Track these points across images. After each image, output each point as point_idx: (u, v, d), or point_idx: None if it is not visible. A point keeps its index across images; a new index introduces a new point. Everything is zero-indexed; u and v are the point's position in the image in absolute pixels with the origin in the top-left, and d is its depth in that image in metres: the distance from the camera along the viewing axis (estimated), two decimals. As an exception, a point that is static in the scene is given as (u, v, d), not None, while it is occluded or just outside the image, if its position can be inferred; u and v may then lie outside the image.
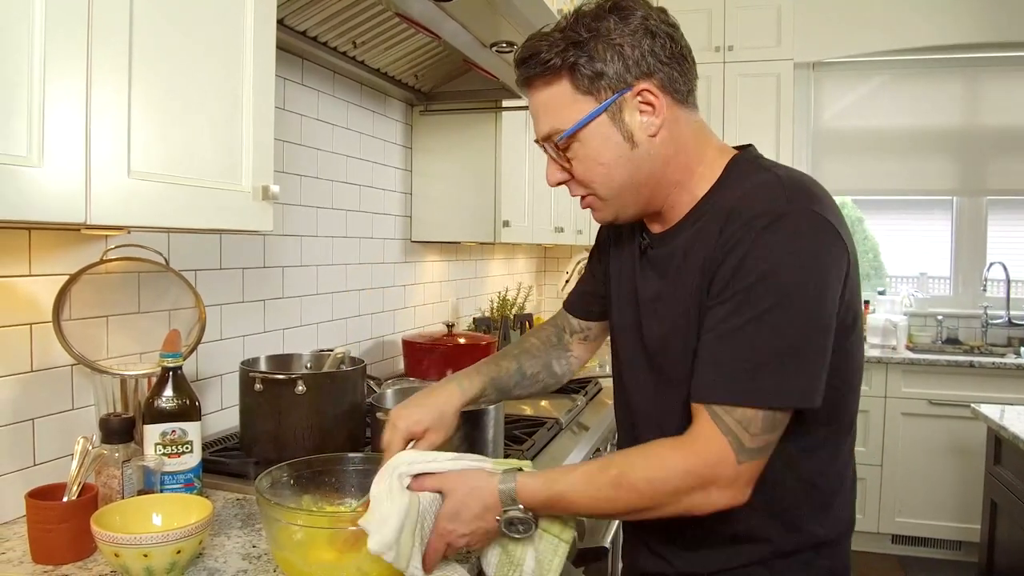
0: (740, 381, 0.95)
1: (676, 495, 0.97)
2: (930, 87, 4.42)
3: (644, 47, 1.01)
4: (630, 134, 1.04)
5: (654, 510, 0.98)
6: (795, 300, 0.94)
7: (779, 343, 0.94)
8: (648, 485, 0.97)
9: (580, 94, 1.03)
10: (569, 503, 1.02)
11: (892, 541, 3.92)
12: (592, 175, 1.08)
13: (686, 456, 0.96)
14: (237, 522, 1.32)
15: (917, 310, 4.41)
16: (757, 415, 0.94)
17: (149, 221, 1.07)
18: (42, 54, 0.88)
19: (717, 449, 0.95)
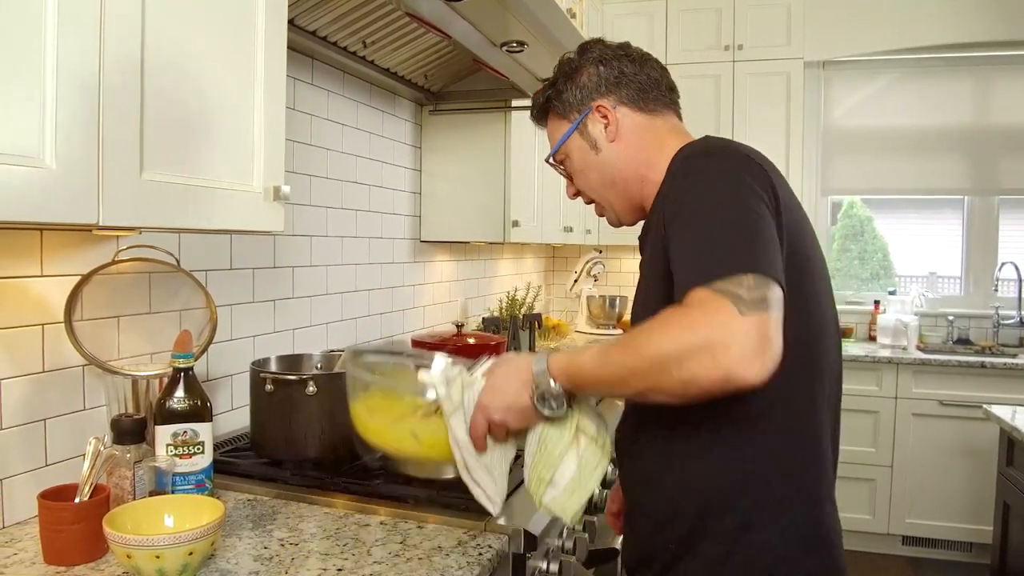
0: (718, 258, 0.96)
1: (676, 357, 0.91)
2: (941, 86, 4.39)
3: (588, 75, 1.28)
4: (594, 142, 1.29)
5: (657, 376, 0.94)
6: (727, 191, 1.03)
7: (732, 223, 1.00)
8: (651, 345, 0.95)
9: (560, 121, 1.32)
10: (587, 370, 1.04)
11: (902, 542, 3.89)
12: (581, 181, 1.34)
13: (687, 312, 0.93)
14: (248, 523, 1.32)
15: (928, 310, 4.38)
16: (745, 277, 0.93)
17: (161, 222, 1.07)
18: (55, 55, 0.88)
19: (712, 305, 0.91)
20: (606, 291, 4.49)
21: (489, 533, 1.29)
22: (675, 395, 0.94)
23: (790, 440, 1.10)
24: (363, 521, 1.34)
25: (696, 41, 4.17)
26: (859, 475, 3.87)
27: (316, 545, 1.23)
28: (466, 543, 1.25)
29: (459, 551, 1.22)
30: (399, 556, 1.19)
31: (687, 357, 0.91)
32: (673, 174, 1.13)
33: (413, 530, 1.30)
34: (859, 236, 4.67)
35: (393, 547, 1.23)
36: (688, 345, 0.91)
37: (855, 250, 4.67)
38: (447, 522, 1.33)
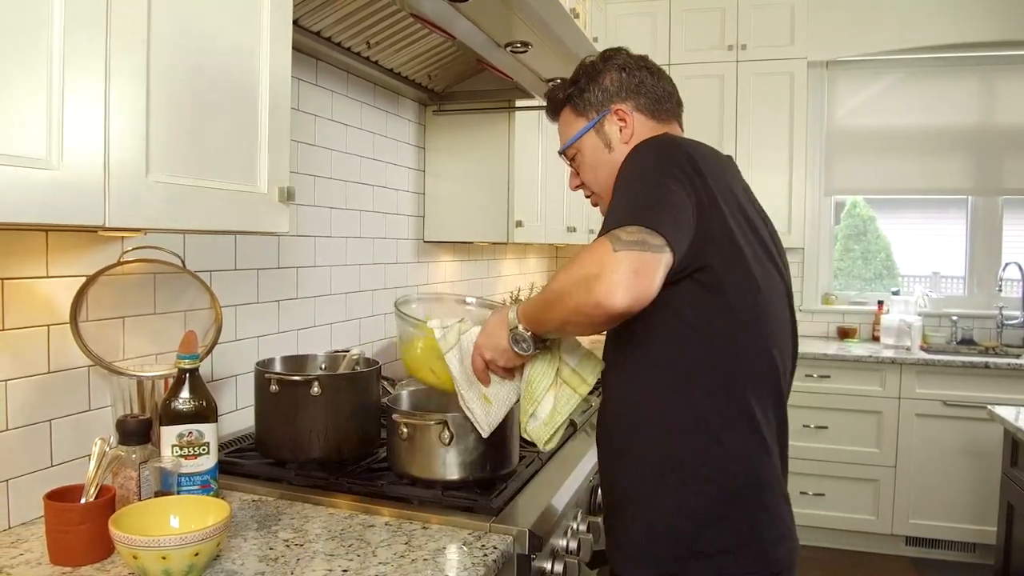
0: (616, 215, 1.13)
1: (570, 287, 1.11)
2: (945, 85, 4.39)
3: (611, 79, 1.41)
4: (609, 142, 1.41)
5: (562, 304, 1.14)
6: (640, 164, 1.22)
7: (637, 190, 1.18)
8: (556, 281, 1.17)
9: (577, 118, 1.44)
10: (530, 309, 1.25)
11: (906, 543, 3.89)
12: (589, 176, 1.46)
13: (581, 252, 1.13)
14: (253, 523, 1.32)
15: (931, 310, 4.37)
16: (630, 226, 1.10)
17: (167, 223, 1.07)
18: (61, 57, 0.88)
19: (597, 245, 1.10)
20: (609, 291, 4.48)
21: (494, 534, 1.30)
22: (575, 323, 1.15)
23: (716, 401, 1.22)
24: (368, 522, 1.34)
25: (699, 41, 4.17)
26: (862, 475, 3.87)
27: (321, 546, 1.23)
28: (471, 544, 1.25)
29: (464, 552, 1.22)
30: (404, 557, 1.19)
31: (573, 287, 1.11)
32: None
33: (418, 531, 1.30)
34: (862, 236, 4.66)
35: (398, 548, 1.23)
36: (573, 277, 1.12)
37: (858, 250, 4.67)
38: (451, 523, 1.33)
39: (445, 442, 1.40)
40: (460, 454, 1.42)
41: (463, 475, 1.43)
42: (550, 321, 1.21)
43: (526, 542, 1.30)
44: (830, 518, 3.92)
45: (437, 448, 1.41)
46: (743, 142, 4.13)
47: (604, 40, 4.03)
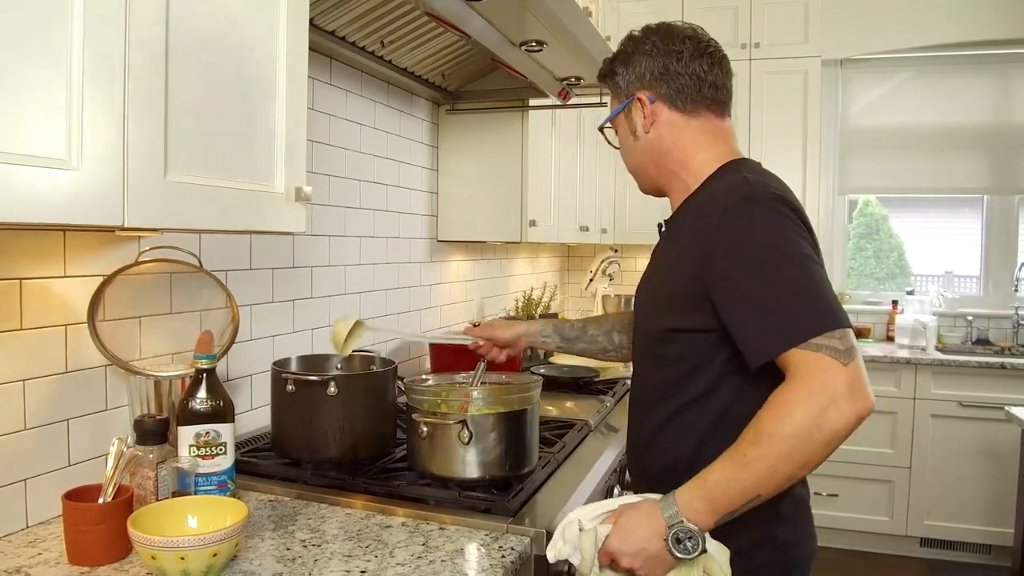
0: (807, 316, 1.08)
1: (812, 422, 1.02)
2: (960, 84, 4.35)
3: (641, 65, 1.36)
4: (635, 129, 1.39)
5: (804, 449, 1.03)
6: (786, 250, 1.13)
7: (805, 283, 1.11)
8: (782, 425, 1.04)
9: (614, 96, 1.44)
10: (728, 487, 1.07)
11: (921, 544, 3.86)
12: (623, 157, 1.47)
13: (799, 384, 1.05)
14: (270, 524, 1.32)
15: (946, 310, 4.34)
16: (833, 333, 1.06)
17: (185, 223, 1.07)
18: (80, 57, 0.88)
19: (822, 366, 1.04)
20: (621, 290, 4.47)
21: (511, 535, 1.29)
22: (820, 459, 1.05)
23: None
24: (385, 522, 1.34)
25: (712, 39, 4.14)
26: (877, 476, 3.84)
27: (338, 546, 1.23)
28: (489, 545, 1.25)
29: (482, 553, 1.22)
30: (422, 558, 1.19)
31: (822, 419, 1.02)
32: (722, 208, 1.19)
33: (435, 531, 1.30)
34: (874, 235, 4.63)
35: (416, 549, 1.22)
36: (818, 408, 1.03)
37: (870, 249, 4.64)
38: (469, 523, 1.33)
39: (464, 441, 1.40)
40: (479, 453, 1.41)
41: (482, 474, 1.42)
42: (772, 479, 1.06)
43: (544, 543, 1.29)
44: (844, 519, 3.90)
45: (457, 447, 1.41)
46: (756, 141, 4.10)
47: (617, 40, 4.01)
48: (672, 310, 1.27)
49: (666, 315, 1.28)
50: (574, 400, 2.32)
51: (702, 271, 1.19)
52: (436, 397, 1.46)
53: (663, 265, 1.36)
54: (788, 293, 1.11)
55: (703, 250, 1.20)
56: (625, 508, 1.17)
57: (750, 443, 1.07)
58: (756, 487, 1.07)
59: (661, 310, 1.30)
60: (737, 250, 1.15)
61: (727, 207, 1.19)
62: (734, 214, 1.17)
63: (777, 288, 1.11)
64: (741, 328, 1.14)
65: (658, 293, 1.33)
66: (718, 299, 1.17)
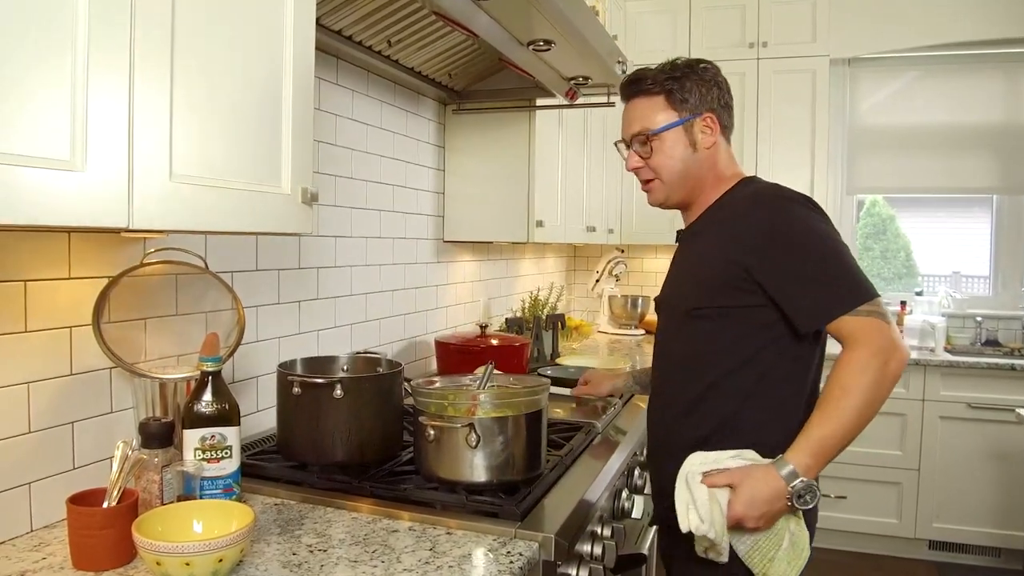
0: (852, 287, 1.36)
1: (881, 373, 1.31)
2: (970, 82, 4.31)
3: (713, 93, 1.56)
4: (694, 143, 1.56)
5: (878, 394, 1.31)
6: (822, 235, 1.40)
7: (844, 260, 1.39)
8: (861, 377, 1.31)
9: (669, 109, 1.55)
10: (831, 439, 1.32)
11: (929, 547, 3.84)
12: (663, 164, 1.56)
13: (862, 346, 1.32)
14: (276, 528, 1.31)
15: (955, 311, 4.31)
16: (875, 301, 1.35)
17: (191, 225, 1.06)
18: (85, 58, 0.87)
19: (875, 327, 1.32)
20: (628, 291, 4.46)
21: (519, 540, 1.27)
22: (885, 399, 1.33)
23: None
24: (391, 527, 1.33)
25: (720, 39, 4.12)
26: (886, 478, 3.82)
27: (345, 551, 1.22)
28: (497, 550, 1.23)
29: (490, 559, 1.20)
30: (429, 564, 1.17)
31: (886, 368, 1.31)
32: (754, 205, 1.47)
33: (442, 536, 1.29)
34: (881, 235, 4.61)
35: (423, 554, 1.21)
36: (881, 361, 1.31)
37: (877, 249, 4.61)
38: (476, 528, 1.31)
39: (472, 445, 1.38)
40: (487, 457, 1.40)
41: (489, 478, 1.40)
42: (861, 426, 1.32)
43: (552, 548, 1.28)
44: (852, 521, 3.87)
45: (464, 450, 1.39)
46: (764, 140, 4.08)
47: (623, 38, 4.00)
48: (707, 290, 1.48)
49: (701, 295, 1.49)
50: (581, 402, 2.31)
51: (736, 255, 1.42)
52: (443, 400, 1.45)
53: (691, 261, 1.58)
54: (833, 269, 1.37)
55: (735, 239, 1.44)
56: (740, 475, 1.35)
57: (838, 398, 1.31)
58: (850, 433, 1.32)
59: (695, 292, 1.51)
60: (781, 236, 1.39)
61: (763, 203, 1.45)
62: (772, 208, 1.43)
63: (822, 264, 1.37)
64: (794, 300, 1.38)
65: (688, 281, 1.56)
66: (766, 279, 1.39)
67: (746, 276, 1.41)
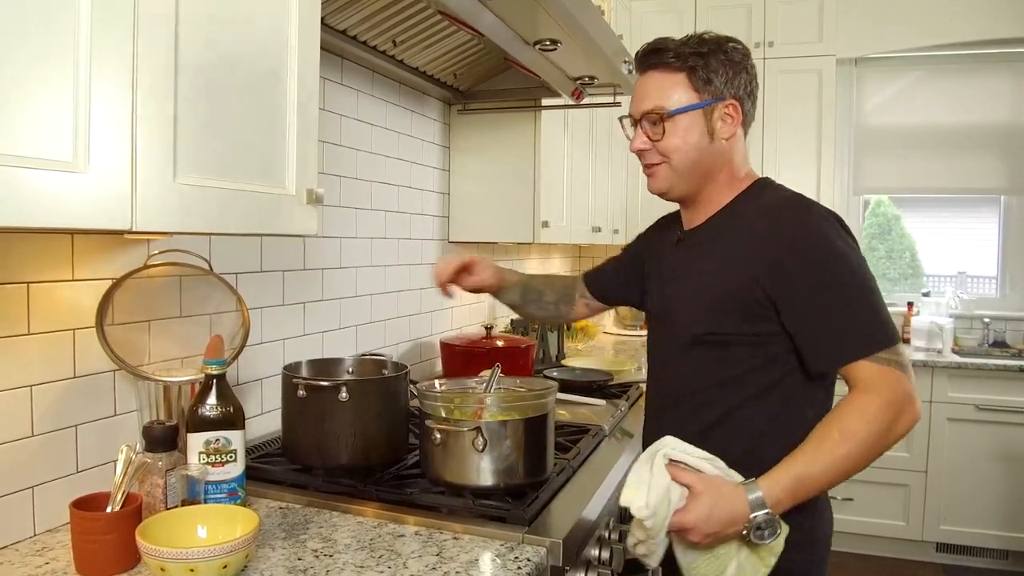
0: (875, 330, 1.23)
1: (887, 428, 1.19)
2: (978, 82, 4.29)
3: (742, 78, 1.39)
4: (712, 131, 1.38)
5: (877, 450, 1.20)
6: (856, 265, 1.26)
7: (871, 298, 1.25)
8: (866, 426, 1.18)
9: (689, 89, 1.37)
10: (812, 481, 1.21)
11: (936, 549, 3.81)
12: (674, 148, 1.38)
13: (874, 394, 1.20)
14: (281, 532, 1.29)
15: (962, 312, 4.28)
16: (895, 348, 1.23)
17: (195, 226, 1.04)
18: (87, 58, 0.86)
19: (893, 378, 1.21)
20: (633, 292, 4.43)
21: (527, 545, 1.26)
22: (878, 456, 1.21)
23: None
24: (397, 531, 1.31)
25: (726, 38, 4.09)
26: (893, 480, 3.79)
27: (351, 556, 1.20)
28: (504, 556, 1.22)
29: (497, 564, 1.19)
30: (436, 569, 1.16)
31: (895, 425, 1.19)
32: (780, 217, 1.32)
33: (449, 541, 1.27)
34: (886, 235, 4.58)
35: (429, 560, 1.19)
36: (892, 415, 1.19)
37: (882, 249, 4.59)
38: (483, 533, 1.30)
39: (479, 448, 1.37)
40: (494, 461, 1.38)
41: (496, 482, 1.39)
42: (850, 473, 1.21)
43: (560, 553, 1.26)
44: (859, 523, 3.85)
45: (471, 454, 1.37)
46: (770, 141, 4.06)
47: (628, 38, 3.98)
48: (719, 313, 1.34)
49: (712, 319, 1.35)
50: (587, 404, 2.29)
51: (761, 276, 1.28)
52: (449, 403, 1.43)
53: (698, 274, 1.42)
54: (858, 306, 1.24)
55: (754, 254, 1.30)
56: (706, 486, 1.22)
57: (836, 441, 1.19)
58: (833, 481, 1.22)
59: (704, 314, 1.37)
60: (808, 259, 1.26)
61: (789, 216, 1.31)
62: (800, 224, 1.29)
63: (847, 300, 1.24)
64: (812, 337, 1.27)
65: (695, 298, 1.40)
66: (785, 306, 1.28)
67: (764, 298, 1.29)
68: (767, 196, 1.39)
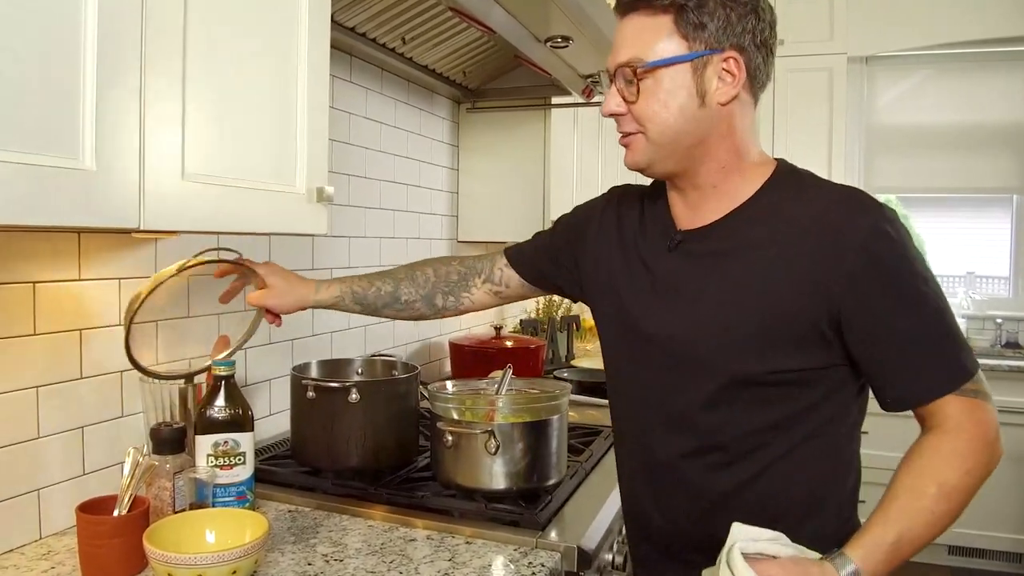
0: (963, 358, 1.02)
1: (986, 471, 1.01)
2: (989, 81, 4.24)
3: (747, 23, 1.05)
4: (703, 92, 1.05)
5: (972, 496, 1.01)
6: (934, 280, 1.04)
7: (951, 321, 1.03)
8: (968, 478, 1.00)
9: (676, 36, 1.04)
10: (912, 544, 0.99)
11: (948, 552, 3.78)
12: (651, 114, 1.07)
13: (970, 437, 1.01)
14: (290, 536, 1.27)
15: (975, 312, 4.24)
16: (979, 375, 1.03)
17: (203, 225, 1.03)
18: (94, 55, 0.84)
19: (983, 414, 1.01)
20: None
21: (541, 550, 1.24)
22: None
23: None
24: (409, 535, 1.29)
25: (735, 36, 4.06)
26: (904, 482, 3.75)
27: (361, 562, 1.18)
28: (518, 561, 1.20)
29: (511, 570, 1.17)
30: (448, 575, 1.14)
31: (990, 466, 1.01)
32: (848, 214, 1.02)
33: (461, 546, 1.25)
34: (898, 235, 4.53)
35: (442, 565, 1.17)
36: (987, 457, 1.01)
37: (892, 250, 4.54)
38: (496, 537, 1.27)
39: (491, 451, 1.34)
40: (506, 464, 1.36)
41: (508, 485, 1.36)
42: (944, 528, 1.00)
43: (575, 558, 1.24)
44: (870, 525, 3.81)
45: (483, 457, 1.35)
46: (780, 140, 4.03)
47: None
48: (776, 346, 1.04)
49: (770, 353, 1.05)
50: (597, 405, 2.26)
51: (826, 295, 1.01)
52: (461, 405, 1.41)
53: (727, 289, 1.08)
54: (943, 330, 1.02)
55: (827, 270, 1.01)
56: (792, 570, 0.97)
57: (935, 500, 0.98)
58: (929, 542, 1.02)
59: (762, 347, 1.05)
60: (885, 275, 1.01)
61: (859, 221, 1.02)
62: (874, 232, 1.01)
63: (931, 324, 1.02)
64: (887, 367, 1.03)
65: (743, 325, 1.06)
66: (856, 329, 1.02)
67: (827, 322, 1.02)
68: (811, 189, 1.10)
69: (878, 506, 1.02)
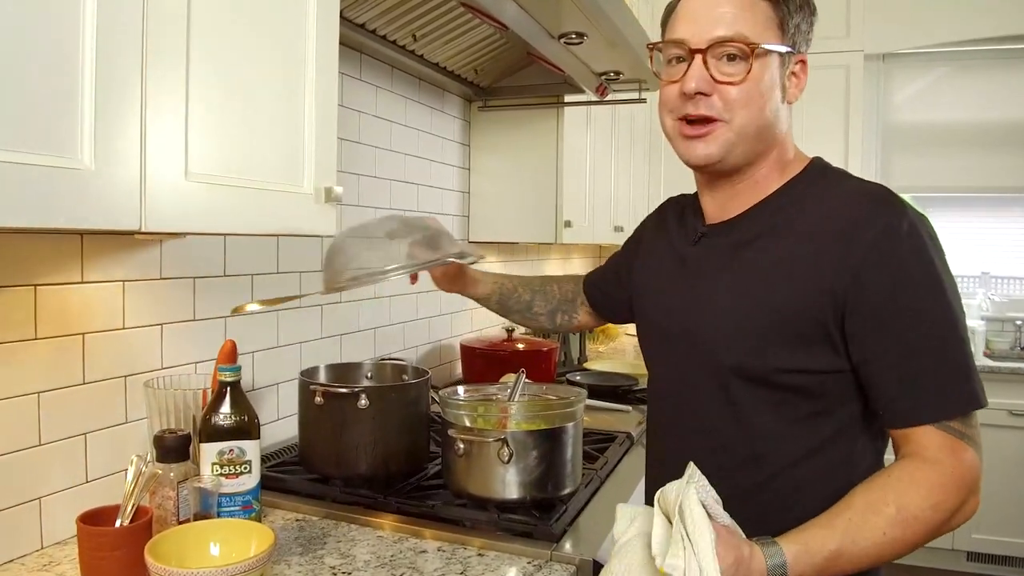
0: (963, 389, 0.95)
1: (953, 512, 0.93)
2: (1006, 78, 4.17)
3: (812, 33, 1.08)
4: (784, 87, 1.05)
5: (935, 534, 0.95)
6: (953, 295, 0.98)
7: (963, 346, 0.96)
8: (932, 512, 0.92)
9: (774, 25, 1.02)
10: (848, 559, 0.92)
11: (968, 559, 3.71)
12: (747, 99, 1.01)
13: (953, 474, 0.93)
14: (297, 547, 1.24)
15: (994, 314, 4.17)
16: (974, 415, 0.97)
17: (207, 226, 0.99)
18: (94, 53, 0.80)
19: (968, 457, 0.94)
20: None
21: (555, 563, 1.19)
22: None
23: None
24: (419, 547, 1.25)
25: (750, 34, 4.01)
26: (922, 487, 3.69)
27: (370, 574, 1.14)
28: (532, 574, 1.16)
29: (525, 584, 1.13)
30: (460, 589, 1.10)
31: (961, 510, 0.94)
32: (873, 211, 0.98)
33: (473, 558, 1.21)
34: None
35: (453, 578, 1.13)
36: (960, 500, 0.93)
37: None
38: (509, 549, 1.23)
39: (504, 460, 1.30)
40: (519, 473, 1.31)
41: (522, 495, 1.32)
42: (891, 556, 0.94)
43: (590, 572, 1.20)
44: (887, 530, 3.75)
45: (495, 466, 1.31)
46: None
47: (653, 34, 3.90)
48: (781, 342, 1.01)
49: (769, 350, 1.02)
50: (611, 410, 2.22)
51: (833, 292, 0.97)
52: (473, 412, 1.37)
53: (745, 283, 1.06)
54: (944, 355, 0.95)
55: (839, 267, 0.97)
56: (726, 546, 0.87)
57: (891, 522, 0.92)
58: (876, 562, 0.94)
59: (756, 343, 1.03)
60: (898, 279, 0.96)
61: (879, 219, 0.97)
62: (892, 232, 0.96)
63: (932, 343, 0.95)
64: (883, 381, 0.97)
65: (740, 318, 1.05)
66: (859, 332, 0.97)
67: (834, 322, 0.98)
68: (836, 184, 1.07)
69: (829, 511, 0.95)
